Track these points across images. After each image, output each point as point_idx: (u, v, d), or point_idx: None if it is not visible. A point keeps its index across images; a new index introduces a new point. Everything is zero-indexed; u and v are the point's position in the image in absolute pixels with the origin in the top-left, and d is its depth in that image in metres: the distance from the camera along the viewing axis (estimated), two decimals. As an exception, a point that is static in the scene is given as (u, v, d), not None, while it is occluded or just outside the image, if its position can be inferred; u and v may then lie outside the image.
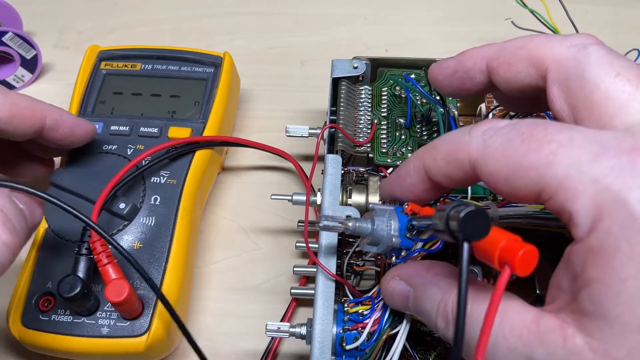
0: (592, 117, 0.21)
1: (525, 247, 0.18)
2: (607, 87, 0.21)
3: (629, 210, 0.17)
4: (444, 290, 0.22)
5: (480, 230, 0.18)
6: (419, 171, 0.24)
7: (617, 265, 0.17)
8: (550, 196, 0.19)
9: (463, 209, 0.18)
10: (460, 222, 0.18)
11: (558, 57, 0.23)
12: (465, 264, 0.18)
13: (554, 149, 0.19)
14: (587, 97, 0.21)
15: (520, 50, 0.24)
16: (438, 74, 0.28)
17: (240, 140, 0.39)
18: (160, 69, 0.41)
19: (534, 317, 0.20)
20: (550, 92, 0.23)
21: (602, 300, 0.18)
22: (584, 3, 0.52)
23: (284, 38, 0.52)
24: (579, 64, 0.22)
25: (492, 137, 0.20)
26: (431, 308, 0.23)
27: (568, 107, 0.22)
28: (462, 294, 0.18)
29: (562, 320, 0.19)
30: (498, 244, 0.18)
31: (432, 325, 0.23)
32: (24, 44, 0.46)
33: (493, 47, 0.26)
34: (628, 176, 0.18)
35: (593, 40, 0.23)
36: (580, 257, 0.18)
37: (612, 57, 0.22)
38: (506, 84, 0.25)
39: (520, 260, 0.18)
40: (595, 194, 0.18)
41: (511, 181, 0.20)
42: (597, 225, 0.18)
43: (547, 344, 0.19)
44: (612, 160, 0.18)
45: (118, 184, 0.34)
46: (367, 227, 0.24)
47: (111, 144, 0.37)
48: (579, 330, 0.18)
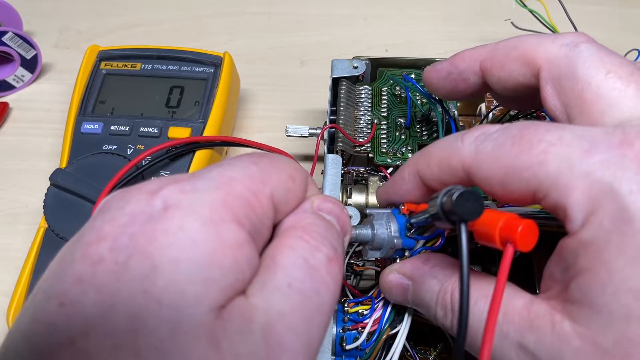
0: (584, 114, 0.21)
1: (524, 222, 0.18)
2: (597, 84, 0.21)
3: (620, 202, 0.17)
4: (442, 280, 0.23)
5: (474, 210, 0.19)
6: (414, 177, 0.24)
7: (606, 257, 0.18)
8: (544, 194, 0.19)
9: (454, 191, 0.19)
10: (454, 204, 0.19)
11: (550, 56, 0.23)
12: (464, 244, 0.18)
13: (544, 148, 0.19)
14: (579, 96, 0.22)
15: (513, 50, 0.25)
16: (432, 77, 0.29)
17: (240, 140, 0.39)
18: (160, 69, 0.41)
19: (525, 303, 0.20)
20: (544, 91, 0.23)
21: (590, 289, 0.18)
22: (584, 3, 0.52)
23: (284, 38, 0.52)
24: (570, 63, 0.22)
25: (483, 143, 0.21)
26: (430, 299, 0.23)
27: (561, 105, 0.23)
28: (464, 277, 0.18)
29: (551, 307, 0.19)
30: (497, 224, 0.19)
31: (432, 315, 0.23)
32: (24, 44, 0.46)
33: (486, 48, 0.26)
34: (618, 169, 0.18)
35: (584, 38, 0.23)
36: (572, 249, 0.19)
37: (602, 55, 0.22)
38: (500, 84, 0.25)
39: (521, 235, 0.18)
40: (588, 188, 0.18)
41: (505, 183, 0.20)
42: (590, 219, 0.18)
43: (537, 329, 0.19)
44: (602, 155, 0.18)
45: (118, 184, 0.34)
46: (368, 233, 0.25)
47: (111, 144, 0.37)
48: (567, 317, 0.19)
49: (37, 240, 0.35)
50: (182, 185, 0.17)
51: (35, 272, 0.33)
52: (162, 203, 0.17)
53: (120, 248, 0.16)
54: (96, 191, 0.33)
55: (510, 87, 0.25)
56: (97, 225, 0.17)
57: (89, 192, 0.34)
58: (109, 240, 0.16)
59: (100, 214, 0.17)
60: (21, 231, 0.39)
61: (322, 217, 0.21)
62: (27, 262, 0.34)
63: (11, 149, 0.44)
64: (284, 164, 0.20)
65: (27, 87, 0.48)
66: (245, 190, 0.18)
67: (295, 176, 0.20)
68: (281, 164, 0.20)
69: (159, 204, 0.17)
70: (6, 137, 0.45)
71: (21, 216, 0.40)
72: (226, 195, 0.17)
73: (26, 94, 0.48)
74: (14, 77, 0.47)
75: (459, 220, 0.19)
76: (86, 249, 0.16)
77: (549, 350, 0.19)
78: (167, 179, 0.18)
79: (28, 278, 0.33)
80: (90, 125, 0.38)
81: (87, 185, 0.35)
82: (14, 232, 0.39)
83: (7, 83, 0.47)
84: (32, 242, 0.35)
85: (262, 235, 0.18)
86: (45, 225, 0.34)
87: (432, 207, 0.20)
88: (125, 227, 0.16)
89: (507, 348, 0.20)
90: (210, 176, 0.18)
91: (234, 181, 0.18)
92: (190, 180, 0.18)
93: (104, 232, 0.16)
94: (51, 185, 0.35)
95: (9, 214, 0.41)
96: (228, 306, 0.16)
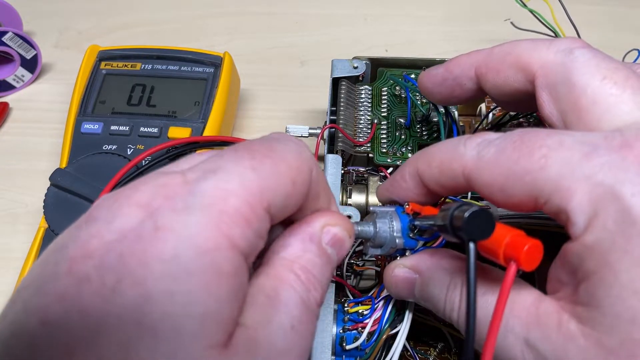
0: (581, 121, 0.21)
1: (530, 242, 0.18)
2: (593, 91, 0.21)
3: (623, 204, 0.17)
4: (452, 273, 0.23)
5: (484, 230, 0.18)
6: (414, 177, 0.24)
7: (611, 259, 0.18)
8: (546, 199, 0.19)
9: (467, 209, 0.19)
10: (465, 222, 0.18)
11: (545, 62, 0.23)
12: (472, 263, 0.18)
13: (545, 153, 0.19)
14: (575, 102, 0.22)
15: (508, 56, 0.25)
16: (427, 82, 0.29)
17: (240, 140, 0.39)
18: (160, 69, 0.41)
19: (534, 299, 0.20)
20: (539, 97, 0.23)
21: (596, 291, 0.18)
22: (584, 3, 0.52)
23: (284, 38, 0.52)
24: (565, 69, 0.22)
25: (485, 148, 0.21)
26: (439, 292, 0.23)
27: (557, 112, 0.23)
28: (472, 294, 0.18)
29: (560, 307, 0.19)
30: (502, 241, 0.18)
31: (440, 309, 0.23)
32: (24, 44, 0.46)
33: (481, 54, 0.26)
34: (620, 171, 0.18)
35: (580, 44, 0.23)
36: (576, 253, 0.19)
37: (598, 60, 0.22)
38: (495, 89, 0.25)
39: (525, 255, 0.18)
40: (589, 190, 0.18)
41: (506, 189, 0.20)
42: (593, 222, 0.18)
43: (544, 326, 0.19)
44: (603, 158, 0.18)
45: (118, 184, 0.34)
46: (370, 230, 0.24)
47: (111, 144, 0.37)
48: (574, 317, 0.19)
49: (37, 240, 0.35)
50: (174, 202, 0.16)
51: (35, 272, 0.33)
52: (152, 223, 0.16)
53: (108, 268, 0.15)
54: (96, 191, 0.33)
55: (506, 92, 0.25)
56: (83, 237, 0.16)
57: (89, 192, 0.34)
58: (96, 258, 0.15)
59: (87, 224, 0.16)
60: (21, 231, 0.39)
61: (325, 252, 0.20)
62: (27, 262, 0.34)
63: (11, 149, 0.44)
64: (288, 166, 0.18)
65: (27, 87, 0.48)
66: (242, 204, 0.17)
67: (296, 179, 0.18)
68: (284, 166, 0.18)
69: (149, 223, 0.16)
70: (6, 137, 0.45)
71: (21, 216, 0.40)
72: (220, 214, 0.16)
73: (26, 94, 0.48)
74: (14, 77, 0.47)
75: (467, 239, 0.18)
76: (71, 265, 0.15)
77: (554, 347, 0.19)
78: (157, 186, 0.17)
79: (28, 278, 0.33)
80: (90, 125, 0.38)
81: (87, 185, 0.35)
82: (14, 232, 0.39)
83: (7, 83, 0.47)
84: (32, 242, 0.35)
85: (257, 248, 0.18)
86: (45, 225, 0.34)
87: (442, 218, 0.20)
88: (112, 244, 0.15)
89: (511, 342, 0.20)
90: (204, 190, 0.16)
91: (230, 195, 0.16)
92: (182, 195, 0.16)
93: (89, 248, 0.15)
94: (51, 185, 0.35)
95: (9, 214, 0.41)
96: (233, 340, 0.16)
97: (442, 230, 0.21)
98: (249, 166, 0.17)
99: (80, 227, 0.16)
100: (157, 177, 0.17)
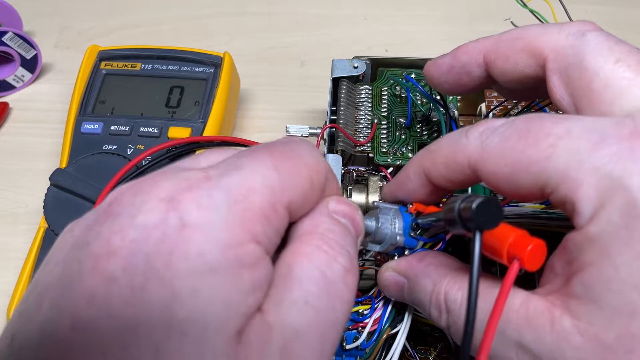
0: (593, 105, 0.21)
1: (534, 242, 0.18)
2: (606, 74, 0.21)
3: (630, 196, 0.17)
4: (435, 280, 0.22)
5: (493, 219, 0.18)
6: (420, 176, 0.24)
7: (613, 251, 0.17)
8: (553, 189, 0.19)
9: (475, 198, 0.18)
10: (474, 212, 0.18)
11: (556, 46, 0.23)
12: (477, 252, 0.18)
13: (552, 141, 0.19)
14: (587, 86, 0.21)
15: (517, 41, 0.24)
16: (434, 72, 0.28)
17: (240, 140, 0.39)
18: (160, 69, 0.41)
19: (522, 300, 0.19)
20: (550, 81, 0.23)
21: (594, 284, 0.18)
22: (584, 3, 0.52)
23: (284, 38, 0.52)
24: (577, 52, 0.22)
25: (489, 137, 0.20)
26: (424, 298, 0.23)
27: (568, 96, 0.22)
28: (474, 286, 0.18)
29: (550, 303, 0.19)
30: (507, 239, 0.18)
31: (427, 314, 0.23)
32: (24, 44, 0.46)
33: (489, 40, 0.25)
34: (628, 162, 0.17)
35: (591, 27, 0.23)
36: (577, 243, 0.18)
37: (611, 43, 0.22)
38: (505, 76, 0.25)
39: (529, 254, 0.18)
40: (597, 182, 0.18)
41: (513, 179, 0.19)
42: (599, 213, 0.18)
43: (536, 327, 0.19)
44: (612, 147, 0.18)
45: (118, 184, 0.34)
46: (372, 225, 0.24)
47: (111, 144, 0.37)
48: (567, 312, 0.18)
49: (37, 240, 0.35)
50: (199, 197, 0.16)
51: (35, 272, 0.33)
52: (178, 219, 0.15)
53: (135, 269, 0.15)
54: (96, 191, 0.33)
55: (516, 78, 0.25)
56: (105, 234, 0.15)
57: (89, 192, 0.34)
58: (121, 257, 0.15)
59: (109, 218, 0.16)
60: (21, 231, 0.39)
61: (338, 221, 0.20)
62: (27, 262, 0.34)
63: (11, 149, 0.44)
64: (306, 166, 0.19)
65: (27, 87, 0.48)
66: (265, 203, 0.17)
67: (314, 179, 0.19)
68: (303, 167, 0.18)
69: (174, 220, 0.15)
70: (6, 137, 0.45)
71: (21, 216, 0.40)
72: (244, 211, 0.16)
73: (26, 94, 0.48)
74: (14, 77, 0.47)
75: (475, 227, 0.18)
76: (96, 262, 0.15)
77: (549, 348, 0.18)
78: (180, 181, 0.16)
79: (28, 278, 0.33)
80: (90, 125, 0.38)
81: (87, 185, 0.35)
82: (14, 232, 0.39)
83: (7, 83, 0.47)
84: (32, 242, 0.35)
85: (276, 244, 0.18)
86: (45, 225, 0.34)
87: (448, 211, 0.20)
88: (137, 243, 0.15)
89: (505, 347, 0.19)
90: (229, 187, 0.16)
91: (253, 193, 0.17)
92: (207, 189, 0.16)
93: (114, 246, 0.15)
94: (51, 185, 0.35)
95: (9, 214, 0.41)
96: (246, 328, 0.16)
97: (448, 223, 0.20)
98: (272, 166, 0.17)
99: (101, 222, 0.16)
100: (177, 172, 0.17)
